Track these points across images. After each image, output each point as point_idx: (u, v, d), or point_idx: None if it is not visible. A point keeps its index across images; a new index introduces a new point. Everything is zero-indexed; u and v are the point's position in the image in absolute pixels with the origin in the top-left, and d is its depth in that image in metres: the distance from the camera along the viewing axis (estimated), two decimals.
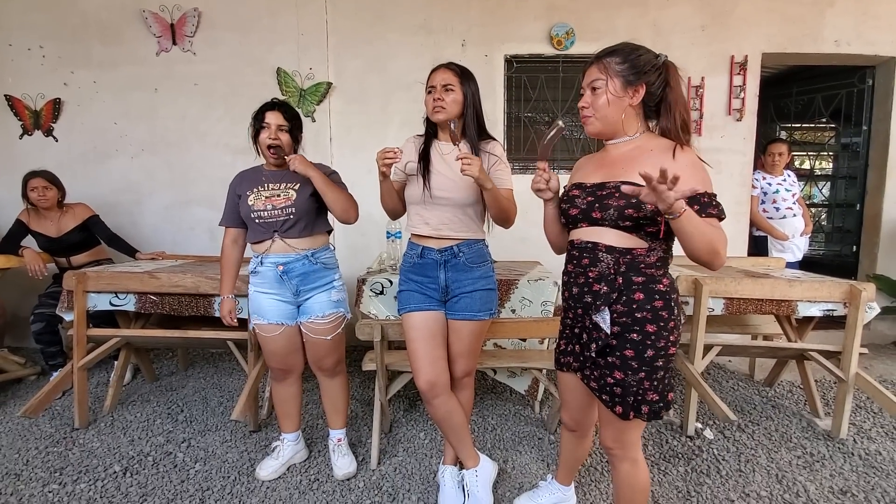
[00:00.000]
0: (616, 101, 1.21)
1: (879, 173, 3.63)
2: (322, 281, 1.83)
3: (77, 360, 2.28)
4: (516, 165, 3.55)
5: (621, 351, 1.22)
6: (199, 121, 3.45)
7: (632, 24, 3.39)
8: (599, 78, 1.22)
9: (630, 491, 1.34)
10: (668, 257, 1.26)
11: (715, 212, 1.14)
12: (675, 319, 1.23)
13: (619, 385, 1.22)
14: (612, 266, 1.22)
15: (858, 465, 2.01)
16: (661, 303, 1.21)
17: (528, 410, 2.50)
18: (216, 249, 3.43)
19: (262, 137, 1.79)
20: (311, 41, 3.38)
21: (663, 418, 1.29)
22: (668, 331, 1.21)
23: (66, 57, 3.40)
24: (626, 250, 1.22)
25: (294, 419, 1.99)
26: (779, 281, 2.20)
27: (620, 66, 1.20)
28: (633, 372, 1.21)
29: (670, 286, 1.24)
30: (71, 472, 1.96)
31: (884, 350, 3.49)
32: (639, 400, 1.22)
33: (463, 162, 1.43)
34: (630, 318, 1.21)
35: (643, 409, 1.22)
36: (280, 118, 1.78)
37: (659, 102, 1.23)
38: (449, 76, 1.59)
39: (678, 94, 1.20)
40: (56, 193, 2.83)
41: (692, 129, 1.23)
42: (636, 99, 1.21)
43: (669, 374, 1.25)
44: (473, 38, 3.40)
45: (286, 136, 1.79)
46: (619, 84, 1.20)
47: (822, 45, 3.43)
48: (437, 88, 1.58)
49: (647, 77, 1.19)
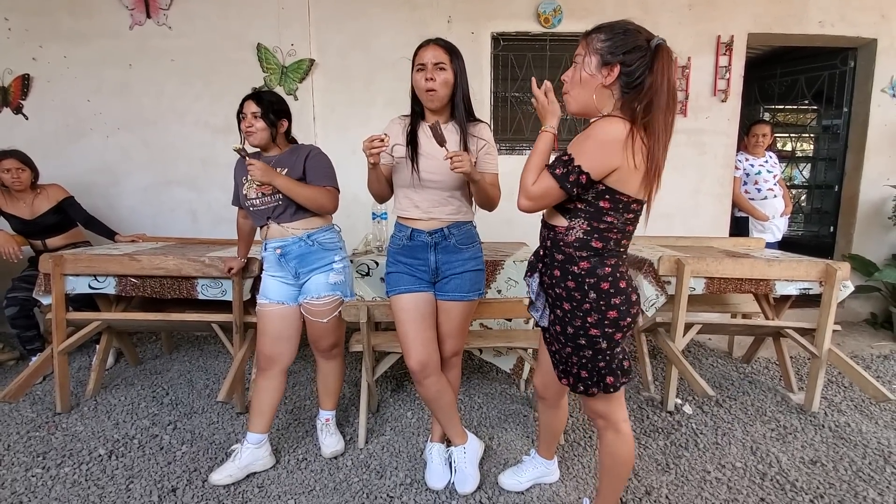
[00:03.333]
0: (588, 78, 1.19)
1: (857, 155, 3.70)
2: (320, 262, 1.82)
3: (57, 344, 2.24)
4: (503, 146, 3.52)
5: (555, 326, 1.31)
6: (177, 98, 3.35)
7: (620, 1, 3.35)
8: (580, 53, 1.22)
9: (611, 460, 1.39)
10: (592, 241, 1.22)
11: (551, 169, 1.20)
12: (591, 303, 1.22)
13: (556, 354, 1.34)
14: (543, 239, 1.33)
15: (828, 437, 2.10)
16: (573, 283, 1.24)
17: (513, 389, 2.54)
18: (198, 231, 3.42)
19: (242, 126, 1.79)
20: (292, 15, 3.28)
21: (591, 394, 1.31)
22: (584, 312, 1.23)
23: (34, 30, 3.25)
24: (552, 226, 1.29)
25: (265, 417, 1.85)
26: (758, 261, 2.25)
27: (602, 43, 1.18)
28: (560, 346, 1.31)
29: (588, 270, 1.22)
30: (54, 456, 1.94)
31: (856, 327, 3.61)
32: (567, 371, 1.31)
33: (453, 160, 1.42)
34: (553, 292, 1.31)
35: (570, 380, 1.31)
36: (253, 106, 1.76)
37: (638, 86, 1.17)
38: (440, 53, 1.53)
39: (657, 81, 1.14)
40: (30, 175, 2.73)
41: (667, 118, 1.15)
42: (609, 79, 1.17)
43: (603, 357, 1.26)
44: (459, 14, 3.33)
45: (260, 123, 1.77)
46: (595, 62, 1.18)
47: (807, 26, 3.44)
48: (427, 67, 1.52)
49: (624, 58, 1.16)
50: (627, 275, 1.28)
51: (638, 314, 1.29)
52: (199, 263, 2.18)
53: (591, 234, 1.22)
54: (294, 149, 1.87)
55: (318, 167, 1.82)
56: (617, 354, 1.28)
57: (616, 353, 1.27)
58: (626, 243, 1.28)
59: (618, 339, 1.25)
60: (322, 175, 1.81)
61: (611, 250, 1.24)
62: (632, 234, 1.28)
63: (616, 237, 1.24)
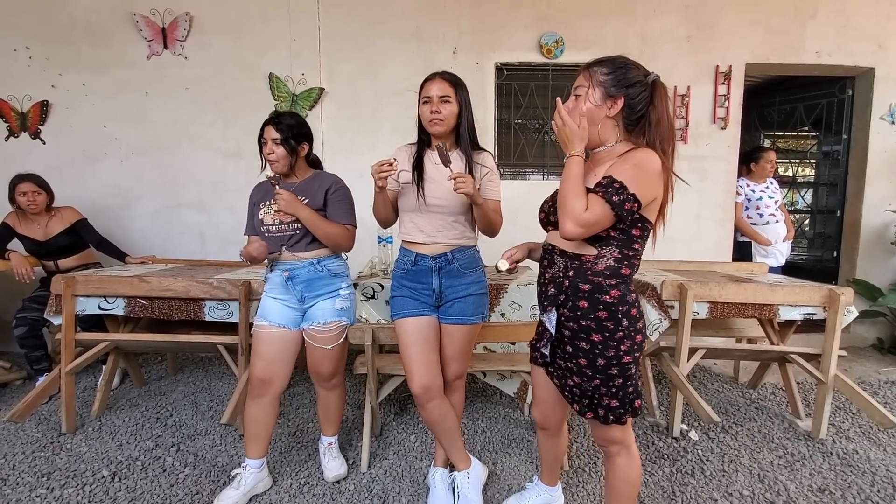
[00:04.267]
0: (593, 109, 1.24)
1: (858, 181, 3.73)
2: (327, 288, 1.83)
3: (65, 364, 2.26)
4: (506, 172, 3.59)
5: (576, 359, 1.28)
6: (190, 124, 3.45)
7: (619, 33, 3.46)
8: (583, 85, 1.26)
9: (623, 483, 1.38)
10: (622, 268, 1.25)
11: (601, 192, 1.16)
12: (623, 330, 1.24)
13: (577, 388, 1.30)
14: (562, 270, 1.28)
15: (837, 465, 2.07)
16: (605, 314, 1.23)
17: (517, 413, 2.53)
18: (207, 254, 3.47)
19: (264, 153, 1.81)
20: (303, 46, 3.40)
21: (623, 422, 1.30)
22: (617, 341, 1.23)
23: (54, 59, 3.38)
24: (576, 255, 1.27)
25: (262, 444, 1.83)
26: (761, 285, 2.26)
27: (605, 76, 1.23)
28: (587, 379, 1.27)
29: (620, 298, 1.24)
30: (58, 477, 1.95)
31: (862, 353, 3.58)
32: (595, 403, 1.28)
33: (457, 181, 1.47)
34: (577, 325, 1.26)
35: (600, 412, 1.28)
36: (272, 132, 1.76)
37: (641, 118, 1.24)
38: (445, 87, 1.59)
39: (661, 114, 1.21)
40: (45, 197, 2.81)
41: (671, 148, 1.23)
42: (613, 110, 1.23)
43: (632, 381, 1.27)
44: (464, 45, 3.45)
45: (281, 150, 1.77)
46: (600, 94, 1.23)
47: (804, 56, 3.53)
48: (433, 100, 1.59)
49: (627, 91, 1.22)
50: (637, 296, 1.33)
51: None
52: (206, 285, 2.21)
53: (622, 262, 1.24)
54: (317, 175, 1.88)
55: (340, 203, 1.82)
56: (636, 376, 1.29)
57: (637, 374, 1.29)
58: (637, 265, 1.32)
59: (639, 358, 1.28)
60: (344, 213, 1.82)
61: (633, 276, 1.28)
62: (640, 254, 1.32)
63: (638, 263, 1.28)
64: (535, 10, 3.43)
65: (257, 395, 1.81)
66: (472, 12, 3.43)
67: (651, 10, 3.46)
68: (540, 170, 3.68)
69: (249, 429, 1.83)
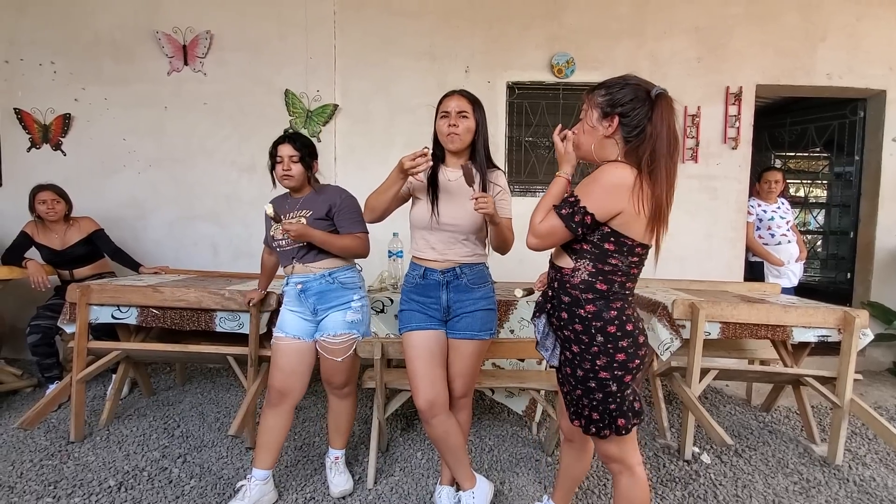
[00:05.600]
0: (591, 130, 1.29)
1: (871, 202, 3.70)
2: (339, 301, 1.85)
3: (76, 372, 2.28)
4: (517, 188, 3.61)
5: (564, 367, 1.33)
6: (207, 138, 3.52)
7: (630, 54, 3.50)
8: (584, 108, 1.32)
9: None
10: (597, 283, 1.25)
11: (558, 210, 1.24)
12: (598, 346, 1.24)
13: (567, 395, 1.35)
14: (551, 280, 1.36)
15: (853, 492, 2.01)
16: (580, 327, 1.27)
17: (525, 431, 2.50)
18: (218, 265, 3.51)
19: (277, 170, 1.86)
20: (318, 64, 3.48)
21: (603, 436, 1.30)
22: (592, 355, 1.25)
23: (78, 73, 3.48)
24: (559, 267, 1.33)
25: (271, 454, 1.84)
26: (774, 306, 2.23)
27: (601, 98, 1.27)
28: (572, 388, 1.32)
29: (594, 314, 1.24)
30: (65, 486, 1.95)
31: (879, 377, 3.50)
32: (579, 413, 1.31)
33: (478, 201, 1.48)
34: (562, 334, 1.33)
35: (583, 422, 1.31)
36: (290, 149, 1.83)
37: (640, 134, 1.23)
38: (463, 103, 1.63)
39: (656, 129, 1.20)
40: (64, 207, 2.87)
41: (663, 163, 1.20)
42: (610, 129, 1.26)
43: (614, 399, 1.25)
44: (477, 64, 3.51)
45: (298, 167, 1.84)
46: (596, 115, 1.27)
47: (815, 78, 3.54)
48: (451, 114, 1.62)
49: (621, 109, 1.23)
50: (635, 317, 1.30)
51: (647, 356, 1.29)
52: (218, 296, 2.24)
53: (596, 276, 1.26)
54: (321, 189, 1.93)
55: (348, 213, 1.86)
56: (627, 396, 1.27)
57: (626, 395, 1.27)
58: (632, 286, 1.31)
59: (627, 381, 1.26)
60: (353, 222, 1.86)
61: (616, 293, 1.26)
62: (636, 276, 1.31)
63: (620, 280, 1.27)
64: (546, 31, 3.49)
65: (275, 405, 1.85)
66: (485, 32, 3.49)
67: (661, 32, 3.50)
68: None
69: (262, 437, 1.85)
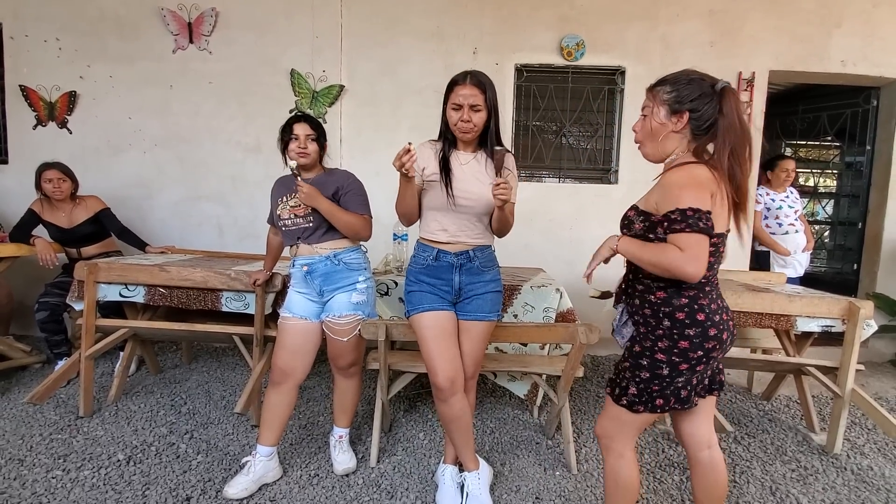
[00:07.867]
0: (658, 127, 1.29)
1: (881, 193, 3.66)
2: (344, 282, 1.87)
3: (85, 349, 2.32)
4: (523, 173, 3.58)
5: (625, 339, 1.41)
6: (212, 118, 3.51)
7: (641, 37, 3.44)
8: (647, 105, 1.32)
9: (613, 484, 1.39)
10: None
11: (679, 227, 1.16)
12: (664, 329, 1.26)
13: (615, 368, 1.41)
14: (628, 271, 1.41)
15: (850, 480, 2.03)
16: (649, 311, 1.31)
17: (526, 415, 2.53)
18: (224, 245, 3.52)
19: (291, 147, 1.87)
20: (325, 43, 3.44)
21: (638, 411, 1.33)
22: (656, 336, 1.28)
23: (83, 50, 3.45)
24: None
25: (275, 431, 1.88)
26: (778, 296, 2.23)
27: (668, 94, 1.27)
28: (623, 359, 1.38)
29: (664, 300, 1.27)
30: (75, 459, 1.99)
31: (880, 368, 3.50)
32: (617, 382, 1.36)
33: (500, 186, 1.49)
34: (633, 319, 1.38)
35: (617, 390, 1.35)
36: (308, 128, 1.87)
37: (710, 126, 1.25)
38: (476, 94, 1.56)
39: (730, 122, 1.22)
40: (70, 185, 2.87)
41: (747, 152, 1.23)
42: (679, 125, 1.26)
43: (659, 382, 1.27)
44: (485, 46, 3.45)
45: (314, 146, 1.88)
46: (664, 112, 1.27)
47: (829, 65, 3.47)
48: (464, 109, 1.57)
49: (690, 105, 1.24)
50: (710, 309, 1.27)
51: (715, 349, 1.26)
52: (224, 276, 2.25)
53: None
54: (331, 172, 1.96)
55: (354, 195, 1.89)
56: (677, 382, 1.28)
57: (676, 381, 1.27)
58: (708, 275, 1.28)
59: (682, 369, 1.26)
60: (359, 203, 1.89)
61: (687, 283, 1.25)
62: (713, 265, 1.28)
63: None
64: (557, 12, 3.43)
65: (278, 384, 1.88)
66: (494, 13, 3.43)
67: (674, 15, 3.43)
68: (556, 172, 3.65)
69: (266, 414, 1.88)
